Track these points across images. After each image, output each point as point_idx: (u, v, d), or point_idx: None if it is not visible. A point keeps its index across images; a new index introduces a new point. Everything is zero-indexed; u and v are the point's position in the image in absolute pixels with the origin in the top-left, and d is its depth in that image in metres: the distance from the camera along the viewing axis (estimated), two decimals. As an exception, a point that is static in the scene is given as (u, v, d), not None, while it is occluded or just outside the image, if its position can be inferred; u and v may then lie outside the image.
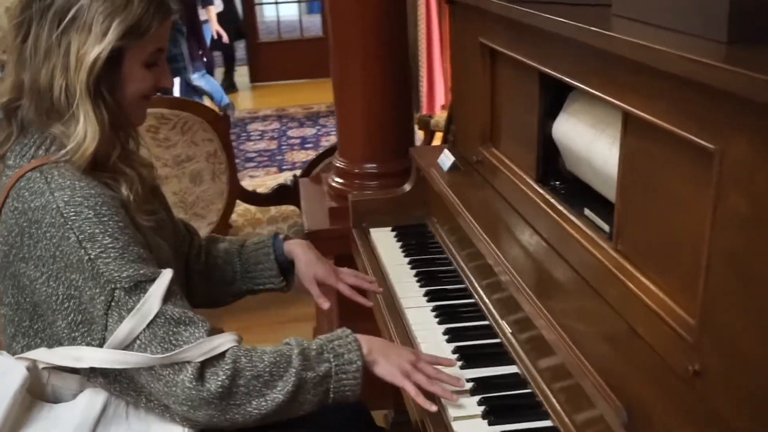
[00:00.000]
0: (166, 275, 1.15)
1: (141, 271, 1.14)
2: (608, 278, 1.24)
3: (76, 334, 1.14)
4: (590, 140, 1.39)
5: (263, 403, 1.16)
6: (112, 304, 1.12)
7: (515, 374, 1.36)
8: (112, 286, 1.12)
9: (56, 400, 1.17)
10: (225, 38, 6.97)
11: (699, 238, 0.99)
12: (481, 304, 1.60)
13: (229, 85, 8.14)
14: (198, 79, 5.87)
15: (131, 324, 1.11)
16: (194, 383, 1.12)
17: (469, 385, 1.31)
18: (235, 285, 1.58)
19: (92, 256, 1.11)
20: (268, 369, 1.16)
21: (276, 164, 5.53)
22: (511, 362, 1.39)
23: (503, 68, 1.75)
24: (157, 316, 1.13)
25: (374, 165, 2.56)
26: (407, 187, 2.16)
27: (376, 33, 2.39)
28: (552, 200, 1.51)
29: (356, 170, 2.58)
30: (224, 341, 1.16)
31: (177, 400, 1.14)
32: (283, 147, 5.95)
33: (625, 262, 1.22)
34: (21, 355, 1.17)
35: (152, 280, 1.14)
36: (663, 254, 1.12)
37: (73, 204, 1.12)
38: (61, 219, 1.11)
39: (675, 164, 1.06)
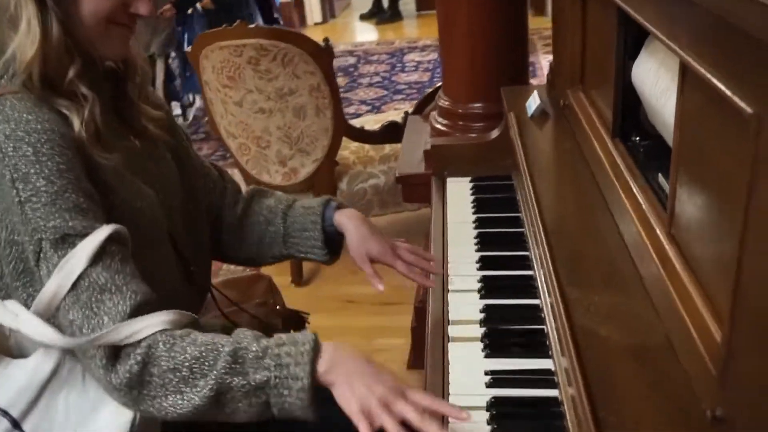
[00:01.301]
0: (101, 232, 1.02)
1: (70, 223, 1.01)
2: (653, 270, 0.97)
3: (18, 284, 1.05)
4: (667, 85, 1.10)
5: (180, 402, 1.00)
6: (41, 255, 1.01)
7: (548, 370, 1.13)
8: (39, 235, 1.01)
9: (21, 354, 1.11)
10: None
11: (736, 232, 0.71)
12: (536, 276, 1.36)
13: (394, 13, 7.97)
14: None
15: (56, 282, 1.00)
16: (103, 363, 1.00)
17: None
18: (275, 247, 1.43)
19: (22, 199, 1.01)
20: (188, 364, 0.99)
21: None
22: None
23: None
24: (80, 277, 1.00)
25: (480, 105, 2.31)
26: (494, 133, 1.91)
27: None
28: (620, 158, 1.22)
29: (460, 110, 2.35)
30: (146, 326, 1.01)
31: (95, 377, 1.04)
32: (436, 79, 5.73)
33: (673, 252, 0.94)
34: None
35: (82, 236, 1.01)
36: (711, 251, 0.84)
37: (13, 138, 1.01)
38: (0, 154, 1.02)
39: (725, 135, 0.77)
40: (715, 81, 0.74)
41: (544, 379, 1.10)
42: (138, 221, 1.14)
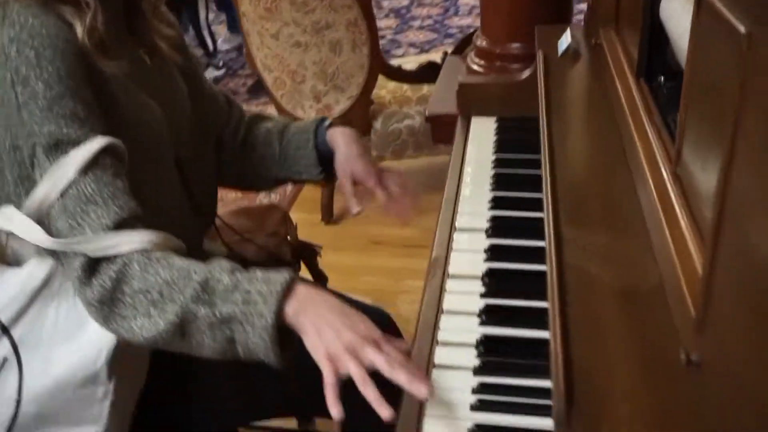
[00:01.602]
0: (96, 143, 1.01)
1: (65, 130, 1.00)
2: (653, 210, 0.92)
3: (21, 190, 1.05)
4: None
5: (147, 325, 0.98)
6: (35, 160, 1.01)
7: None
8: (33, 140, 1.00)
9: (17, 263, 1.12)
10: None
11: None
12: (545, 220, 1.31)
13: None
14: None
15: (45, 188, 1.00)
16: (81, 274, 1.00)
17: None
18: (273, 169, 1.42)
19: (20, 102, 1.00)
20: (158, 287, 0.98)
21: (476, 41, 5.21)
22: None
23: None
24: (69, 186, 1.00)
25: (518, 45, 2.24)
26: (525, 73, 1.84)
27: None
28: (640, 97, 1.16)
29: (497, 50, 2.28)
30: (125, 242, 0.99)
31: (73, 288, 1.04)
32: (489, 24, 5.58)
33: (675, 191, 0.89)
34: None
35: (76, 144, 1.01)
36: (711, 192, 0.79)
37: (17, 41, 1.00)
38: (3, 57, 1.01)
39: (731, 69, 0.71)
40: (718, 4, 0.68)
41: (541, 320, 1.07)
42: (142, 136, 1.13)
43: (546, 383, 0.90)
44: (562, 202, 1.07)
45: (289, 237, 1.63)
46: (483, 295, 1.17)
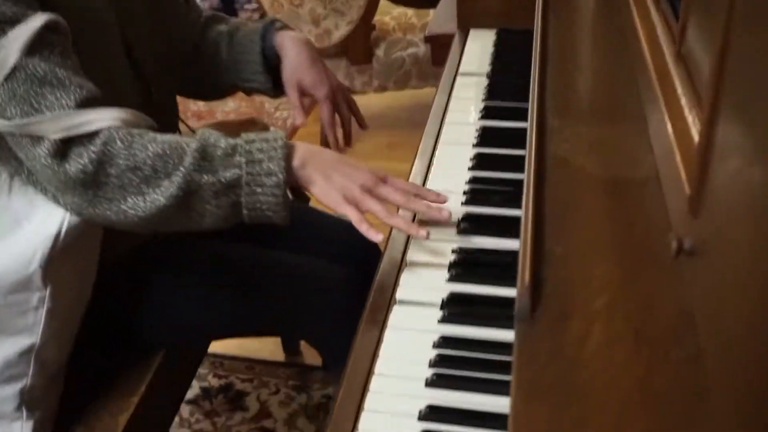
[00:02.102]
0: (36, 20, 0.91)
1: (1, 8, 0.90)
2: (652, 95, 0.79)
3: None
4: None
5: (141, 204, 0.92)
6: None
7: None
8: None
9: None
10: None
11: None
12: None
13: None
14: None
15: None
16: (50, 160, 0.91)
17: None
18: (222, 77, 1.30)
19: None
20: (150, 162, 0.91)
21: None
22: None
23: None
24: (16, 68, 0.90)
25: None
26: (529, -20, 1.69)
27: None
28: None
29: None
30: (95, 119, 0.91)
31: (43, 178, 0.95)
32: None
33: (678, 73, 0.76)
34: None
35: (13, 22, 0.90)
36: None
37: None
38: None
39: None
40: None
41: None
42: (84, 22, 1.02)
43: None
44: (550, 92, 0.94)
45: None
46: (464, 203, 1.05)
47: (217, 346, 1.93)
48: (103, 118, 0.92)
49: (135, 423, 1.08)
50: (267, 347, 1.94)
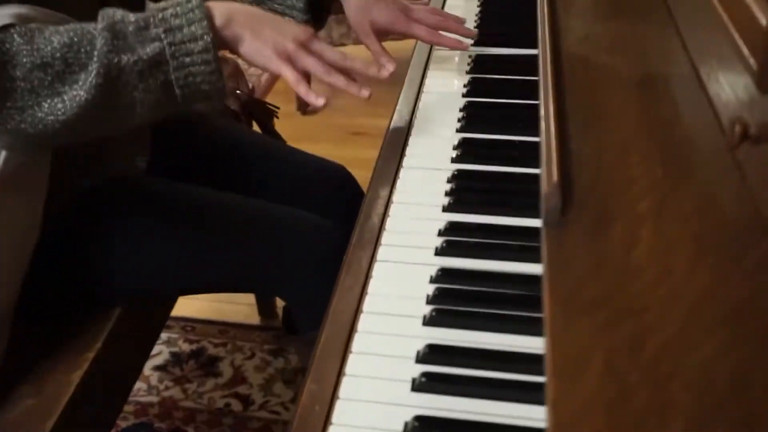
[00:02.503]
0: None
1: None
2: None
3: None
4: None
5: (60, 106, 0.79)
6: None
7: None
8: None
9: None
10: None
11: None
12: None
13: None
14: None
15: None
16: None
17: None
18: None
19: None
20: (59, 55, 0.78)
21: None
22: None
23: None
24: None
25: None
26: None
27: None
28: None
29: None
30: None
31: None
32: None
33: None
34: None
35: None
36: None
37: None
38: None
39: None
40: None
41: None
42: None
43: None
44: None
45: (239, 91, 1.39)
46: (459, 131, 0.94)
47: (188, 310, 1.81)
48: None
49: (89, 382, 0.96)
50: (241, 311, 1.82)
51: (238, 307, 1.82)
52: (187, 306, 1.86)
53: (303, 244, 1.06)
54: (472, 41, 1.13)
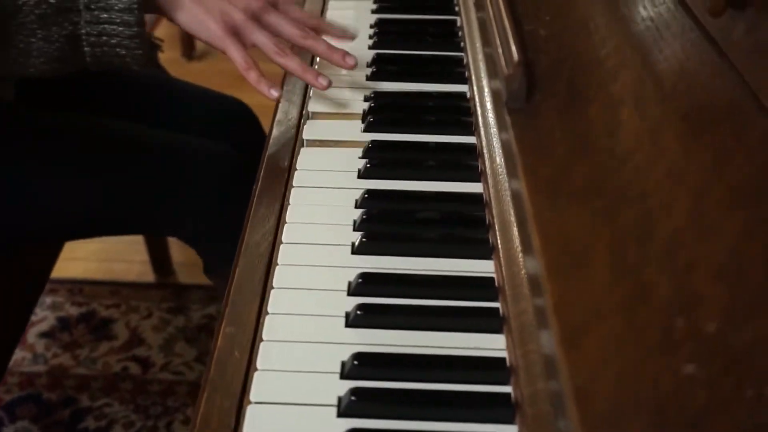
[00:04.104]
0: None
1: None
2: None
3: None
4: None
5: None
6: None
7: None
8: None
9: None
10: None
11: None
12: None
13: None
14: None
15: None
16: None
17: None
18: None
19: None
20: None
21: None
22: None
23: None
24: None
25: None
26: None
27: None
28: None
29: None
30: None
31: None
32: None
33: None
34: None
35: None
36: None
37: None
38: None
39: None
40: None
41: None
42: None
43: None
44: None
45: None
46: (372, 47, 0.85)
47: (74, 271, 1.66)
48: None
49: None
50: (134, 269, 1.69)
51: (129, 265, 1.69)
52: (73, 267, 1.71)
53: (197, 170, 0.95)
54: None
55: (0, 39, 0.67)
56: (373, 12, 0.93)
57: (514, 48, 0.45)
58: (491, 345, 0.51)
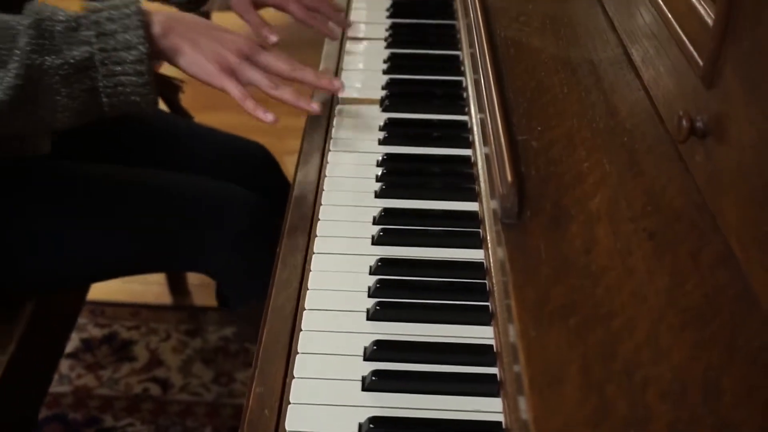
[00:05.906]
0: None
1: None
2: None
3: None
4: None
5: None
6: None
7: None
8: None
9: None
10: None
11: None
12: None
13: None
14: None
15: None
16: None
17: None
18: None
19: None
20: None
21: None
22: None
23: None
24: None
25: None
26: None
27: None
28: None
29: None
30: None
31: None
32: None
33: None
34: None
35: None
36: None
37: None
38: None
39: None
40: None
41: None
42: None
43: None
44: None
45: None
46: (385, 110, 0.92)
47: (96, 293, 1.73)
48: None
49: (6, 385, 0.91)
50: (151, 290, 1.76)
51: (147, 286, 1.76)
52: (95, 288, 1.78)
53: (220, 214, 1.03)
54: (341, 30, 1.11)
55: (29, 101, 0.75)
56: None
57: (508, 166, 0.52)
58: (490, 408, 0.58)
